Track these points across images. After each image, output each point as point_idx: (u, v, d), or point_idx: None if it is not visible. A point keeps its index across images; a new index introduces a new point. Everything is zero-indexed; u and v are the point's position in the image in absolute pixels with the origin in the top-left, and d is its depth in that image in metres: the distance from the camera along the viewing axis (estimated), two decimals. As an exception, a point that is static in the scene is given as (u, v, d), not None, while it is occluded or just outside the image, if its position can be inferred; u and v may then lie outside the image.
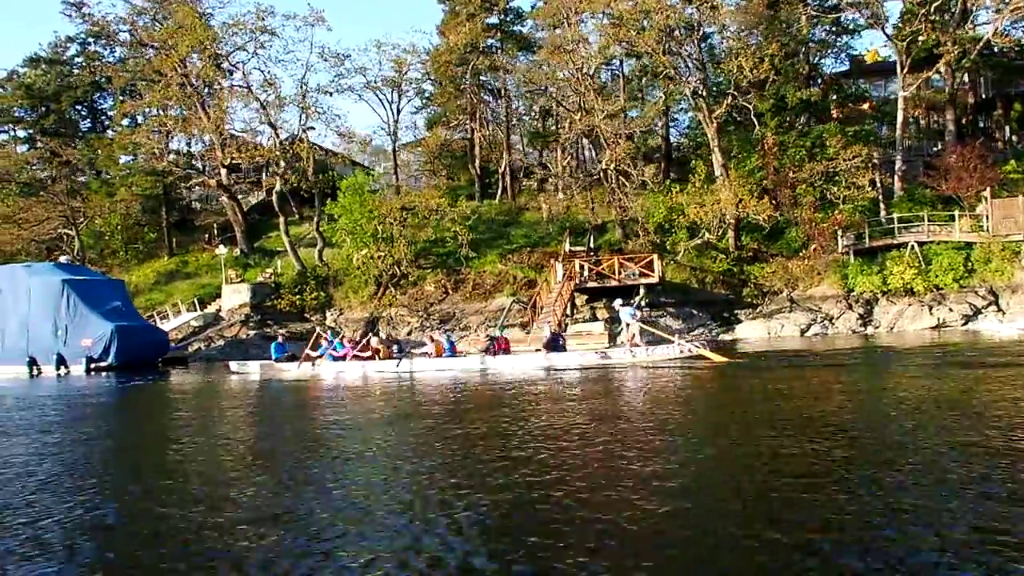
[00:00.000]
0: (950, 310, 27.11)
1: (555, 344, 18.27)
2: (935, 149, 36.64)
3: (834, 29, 36.19)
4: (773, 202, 30.61)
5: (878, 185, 31.65)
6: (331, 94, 40.49)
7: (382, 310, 33.68)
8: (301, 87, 34.93)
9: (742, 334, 27.83)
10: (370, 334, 22.06)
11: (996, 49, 33.33)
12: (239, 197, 38.47)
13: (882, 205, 31.67)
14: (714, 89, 34.49)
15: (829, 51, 37.35)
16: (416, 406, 10.23)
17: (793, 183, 31.64)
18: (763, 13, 34.27)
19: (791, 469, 5.17)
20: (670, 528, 4.04)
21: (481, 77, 40.37)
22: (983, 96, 38.34)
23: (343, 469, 5.86)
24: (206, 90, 35.52)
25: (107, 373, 24.64)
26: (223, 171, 37.31)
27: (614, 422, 7.64)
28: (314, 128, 35.89)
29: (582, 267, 30.32)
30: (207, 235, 42.08)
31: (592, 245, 33.90)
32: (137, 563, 3.90)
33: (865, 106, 38.48)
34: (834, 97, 36.17)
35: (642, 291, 29.16)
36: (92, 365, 26.65)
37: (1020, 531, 3.79)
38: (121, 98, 39.14)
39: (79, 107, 42.77)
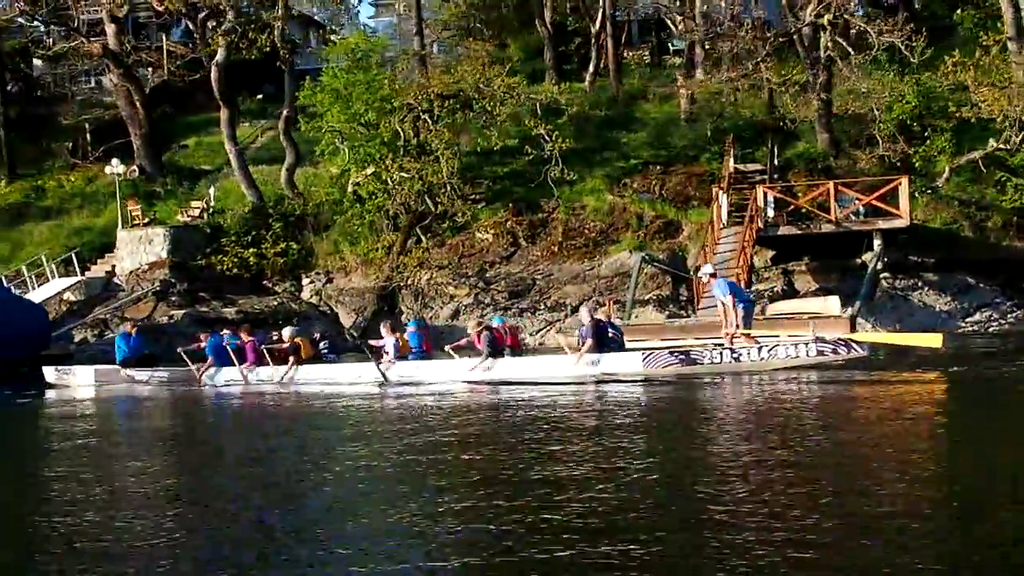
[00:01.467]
0: None
1: (602, 338, 18.51)
2: None
3: None
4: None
5: None
6: None
7: (407, 273, 32.78)
8: None
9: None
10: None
11: None
12: (139, 75, 37.06)
13: None
14: None
15: None
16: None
17: None
18: None
19: None
20: None
21: None
22: None
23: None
24: None
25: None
26: (111, 27, 35.78)
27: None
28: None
29: (768, 200, 29.63)
30: (73, 143, 40.98)
31: (776, 162, 33.42)
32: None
33: None
34: None
35: (877, 244, 28.29)
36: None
37: None
38: None
39: None
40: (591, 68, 38.72)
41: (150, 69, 37.26)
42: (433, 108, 32.55)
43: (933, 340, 17.23)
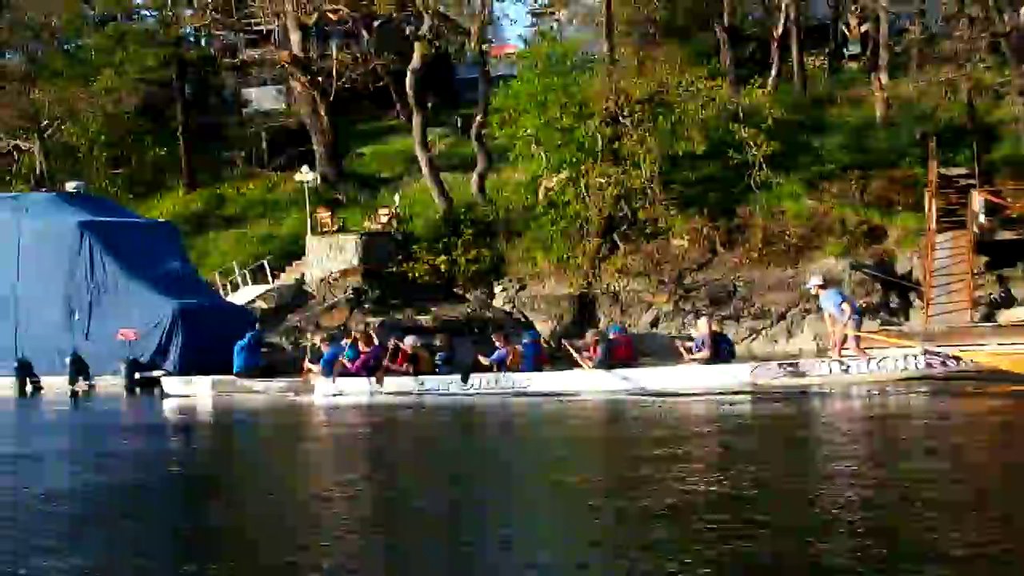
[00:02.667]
0: None
1: (721, 348, 18.82)
2: None
3: None
4: None
5: None
6: None
7: (605, 279, 32.27)
8: None
9: None
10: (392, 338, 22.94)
11: None
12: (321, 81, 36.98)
13: None
14: None
15: None
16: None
17: None
18: None
19: None
20: None
21: None
22: None
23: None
24: None
25: (161, 390, 24.21)
26: (295, 35, 35.89)
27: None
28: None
29: (990, 207, 29.09)
30: (248, 152, 41.38)
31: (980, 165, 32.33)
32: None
33: None
34: None
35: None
36: (138, 374, 26.45)
37: None
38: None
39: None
40: (773, 72, 37.84)
41: (332, 77, 37.07)
42: (632, 111, 31.98)
43: None
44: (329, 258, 34.14)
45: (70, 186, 31.65)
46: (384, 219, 35.05)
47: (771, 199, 32.86)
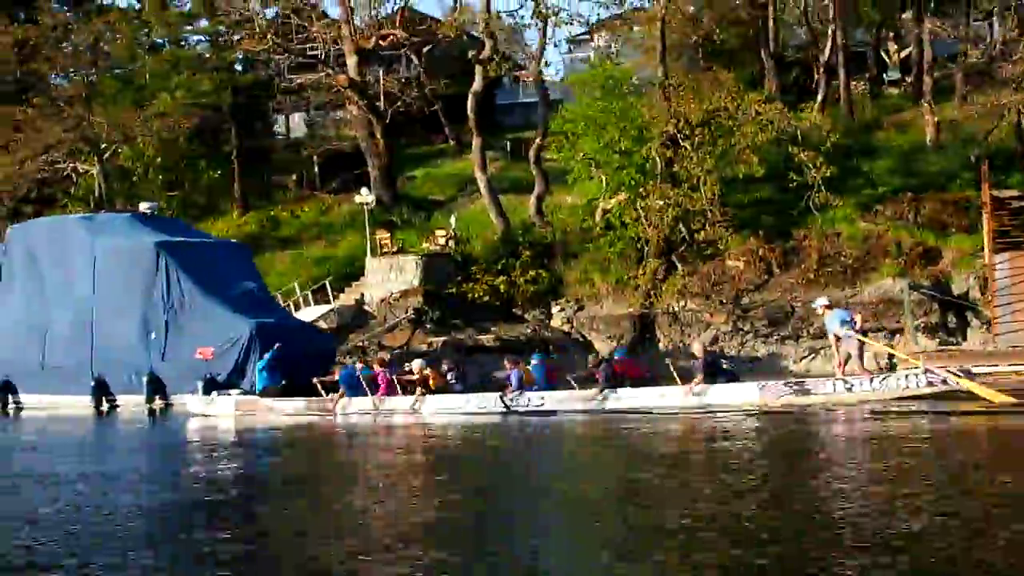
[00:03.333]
0: None
1: (716, 369, 19.89)
2: None
3: None
4: None
5: None
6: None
7: (664, 299, 32.41)
8: None
9: None
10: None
11: None
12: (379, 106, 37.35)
13: None
14: None
15: None
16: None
17: None
18: None
19: None
20: None
21: None
22: None
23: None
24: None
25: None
26: (352, 59, 36.37)
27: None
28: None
29: None
30: (296, 175, 41.70)
31: (1032, 187, 32.94)
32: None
33: None
34: None
35: None
36: (215, 392, 26.34)
37: None
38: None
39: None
40: (819, 97, 38.31)
41: (387, 101, 37.48)
42: (692, 134, 32.33)
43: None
44: (389, 279, 34.41)
45: (143, 207, 31.96)
46: (442, 240, 35.30)
47: (825, 222, 33.13)
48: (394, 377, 22.74)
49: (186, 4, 43.16)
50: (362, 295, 34.83)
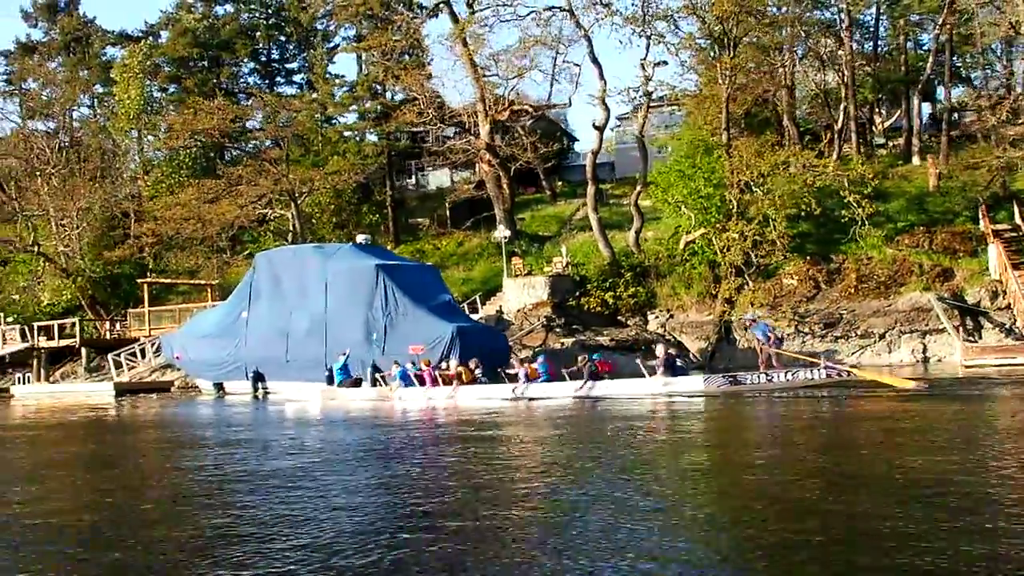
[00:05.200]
0: None
1: (672, 366, 23.99)
2: None
3: None
4: None
5: None
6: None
7: (740, 309, 38.53)
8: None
9: None
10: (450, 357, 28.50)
11: None
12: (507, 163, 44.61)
13: None
14: None
15: None
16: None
17: None
18: None
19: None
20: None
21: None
22: None
23: None
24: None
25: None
26: (485, 126, 43.36)
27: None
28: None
29: None
30: (430, 217, 48.20)
31: (1022, 220, 38.45)
32: None
33: None
34: None
35: None
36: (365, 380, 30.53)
37: None
38: (328, 43, 45.67)
39: (259, 58, 50.38)
40: (835, 155, 44.27)
41: (514, 159, 44.33)
42: (762, 183, 38.51)
43: (905, 383, 21.03)
44: (523, 294, 39.16)
45: (359, 238, 36.72)
46: (560, 266, 40.81)
47: (859, 248, 38.92)
48: (436, 374, 27.01)
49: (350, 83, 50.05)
50: (500, 307, 39.96)
